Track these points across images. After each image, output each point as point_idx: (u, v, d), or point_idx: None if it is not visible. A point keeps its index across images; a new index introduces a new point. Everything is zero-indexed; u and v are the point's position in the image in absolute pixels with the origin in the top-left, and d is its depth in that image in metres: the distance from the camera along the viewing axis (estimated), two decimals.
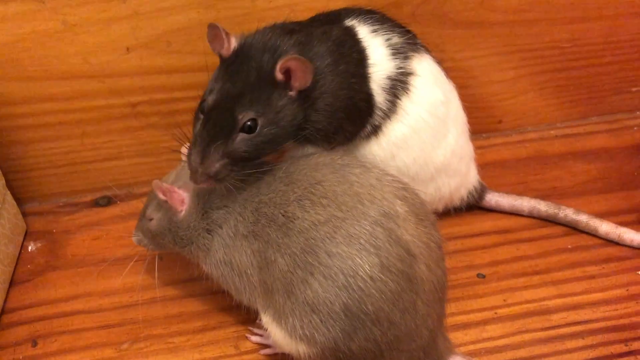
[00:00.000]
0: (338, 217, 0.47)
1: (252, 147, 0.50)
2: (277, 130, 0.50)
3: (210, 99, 0.50)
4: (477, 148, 0.69)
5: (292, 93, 0.50)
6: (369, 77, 0.55)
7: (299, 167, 0.52)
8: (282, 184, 0.51)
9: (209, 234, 0.53)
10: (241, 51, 0.52)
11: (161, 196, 0.54)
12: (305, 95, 0.51)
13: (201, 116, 0.51)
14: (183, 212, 0.54)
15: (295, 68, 0.48)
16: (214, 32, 0.52)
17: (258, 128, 0.49)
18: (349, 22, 0.57)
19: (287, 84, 0.50)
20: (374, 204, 0.48)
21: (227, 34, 0.52)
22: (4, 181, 0.67)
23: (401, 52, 0.58)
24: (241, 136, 0.49)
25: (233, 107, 0.49)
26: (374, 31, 0.57)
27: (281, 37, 0.51)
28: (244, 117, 0.49)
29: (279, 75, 0.49)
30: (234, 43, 0.52)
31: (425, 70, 0.59)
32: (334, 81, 0.52)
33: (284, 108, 0.50)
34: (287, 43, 0.51)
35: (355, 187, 0.49)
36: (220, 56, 0.53)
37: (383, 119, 0.57)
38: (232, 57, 0.52)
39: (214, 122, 0.49)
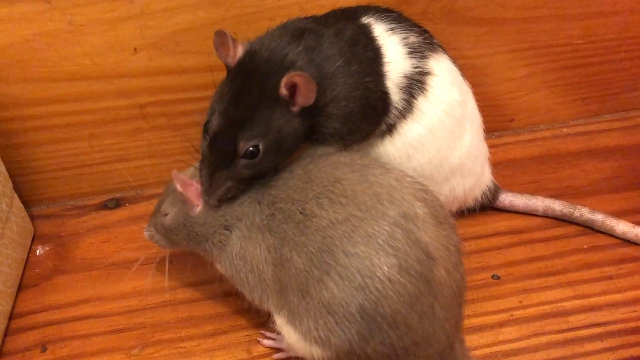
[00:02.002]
0: (357, 217, 0.46)
1: (256, 170, 0.51)
2: (280, 149, 0.51)
3: (214, 124, 0.50)
4: (488, 147, 0.68)
5: (294, 109, 0.50)
6: (385, 75, 0.54)
7: (319, 165, 0.51)
8: (301, 181, 0.50)
9: (226, 229, 0.53)
10: (246, 61, 0.51)
11: (179, 187, 0.53)
12: (310, 107, 0.50)
13: (207, 137, 0.51)
14: (199, 207, 0.54)
15: (300, 84, 0.48)
16: (221, 40, 0.51)
17: (260, 153, 0.50)
18: (365, 20, 0.56)
19: (290, 99, 0.49)
20: (394, 205, 0.47)
21: (234, 42, 0.51)
22: (11, 184, 0.66)
23: (418, 51, 0.57)
24: (243, 162, 0.50)
25: (235, 135, 0.49)
26: (391, 29, 0.56)
27: (289, 44, 0.50)
28: (245, 145, 0.49)
29: (283, 91, 0.48)
30: (240, 51, 0.51)
31: (443, 70, 0.59)
32: (346, 83, 0.51)
33: (286, 126, 0.50)
34: (294, 51, 0.50)
35: (374, 187, 0.48)
36: (227, 66, 0.52)
37: (398, 118, 0.57)
38: (237, 68, 0.51)
39: (218, 148, 0.50)
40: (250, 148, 0.49)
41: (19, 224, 0.67)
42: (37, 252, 0.69)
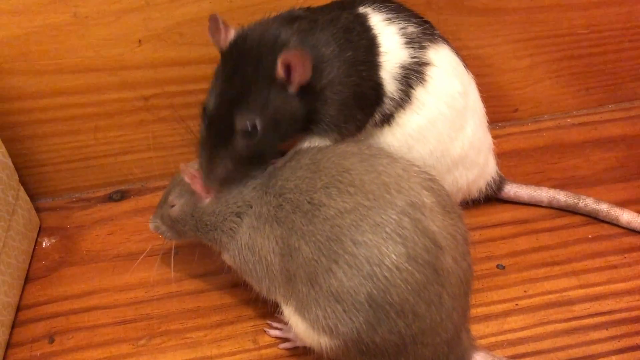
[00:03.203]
0: (365, 206, 0.46)
1: (255, 149, 0.51)
2: (278, 130, 0.51)
3: (211, 104, 0.50)
4: (492, 137, 0.67)
5: (292, 89, 0.49)
6: (379, 65, 0.54)
7: (327, 155, 0.51)
8: (309, 171, 0.50)
9: (238, 217, 0.53)
10: (238, 44, 0.51)
11: (187, 180, 0.53)
12: (308, 89, 0.50)
13: (205, 120, 0.51)
14: (209, 199, 0.54)
15: (294, 62, 0.47)
16: (214, 25, 0.51)
17: (258, 131, 0.49)
18: (362, 10, 0.56)
19: (286, 79, 0.49)
20: (401, 194, 0.47)
21: (226, 26, 0.52)
22: (17, 177, 0.66)
23: (416, 42, 0.56)
24: (241, 141, 0.50)
25: (231, 113, 0.49)
26: (388, 19, 0.56)
27: (281, 27, 0.51)
28: (242, 122, 0.49)
29: (281, 72, 0.48)
30: (232, 35, 0.52)
31: (443, 61, 0.58)
32: (340, 68, 0.51)
33: (284, 105, 0.50)
34: (287, 32, 0.50)
35: (382, 177, 0.48)
36: (220, 50, 0.52)
37: (395, 108, 0.56)
38: (229, 51, 0.51)
39: (215, 128, 0.50)
40: (248, 126, 0.49)
41: (25, 216, 0.67)
42: (44, 244, 0.70)
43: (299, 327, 0.50)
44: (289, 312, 0.51)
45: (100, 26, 0.63)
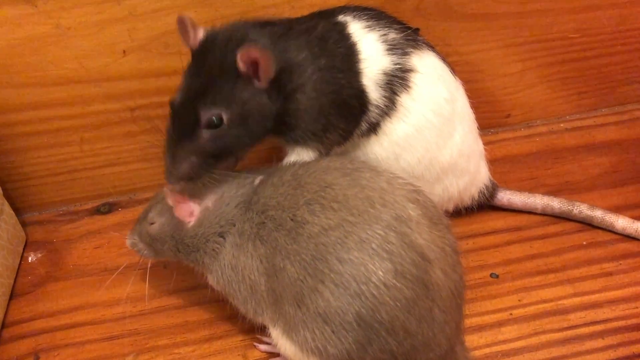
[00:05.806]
0: (349, 222, 0.45)
1: (220, 143, 0.50)
2: (247, 125, 0.50)
3: (177, 97, 0.50)
4: (485, 144, 0.67)
5: (260, 85, 0.49)
6: (360, 72, 0.53)
7: (309, 170, 0.50)
8: (291, 187, 0.49)
9: (221, 237, 0.52)
10: (207, 41, 0.51)
11: (170, 203, 0.52)
12: (278, 88, 0.50)
13: (172, 114, 0.51)
14: (191, 223, 0.53)
15: (258, 58, 0.47)
16: (182, 26, 0.51)
17: (224, 122, 0.49)
18: (341, 18, 0.55)
19: (254, 74, 0.49)
20: (386, 208, 0.46)
21: (194, 26, 0.51)
22: (1, 191, 0.65)
23: (399, 48, 0.56)
24: (206, 132, 0.49)
25: (196, 106, 0.49)
26: (368, 27, 0.55)
27: (252, 28, 0.50)
28: (206, 112, 0.48)
29: (242, 65, 0.48)
30: (200, 35, 0.51)
31: (427, 67, 0.57)
32: (314, 75, 0.51)
33: (252, 100, 0.49)
34: (257, 33, 0.50)
35: (366, 191, 0.47)
36: (191, 50, 0.52)
37: (381, 116, 0.55)
38: (198, 50, 0.51)
39: (180, 120, 0.49)
40: (213, 117, 0.48)
41: (10, 231, 0.66)
42: (29, 259, 0.68)
43: (287, 350, 0.49)
44: (277, 334, 0.50)
45: (84, 37, 0.62)
